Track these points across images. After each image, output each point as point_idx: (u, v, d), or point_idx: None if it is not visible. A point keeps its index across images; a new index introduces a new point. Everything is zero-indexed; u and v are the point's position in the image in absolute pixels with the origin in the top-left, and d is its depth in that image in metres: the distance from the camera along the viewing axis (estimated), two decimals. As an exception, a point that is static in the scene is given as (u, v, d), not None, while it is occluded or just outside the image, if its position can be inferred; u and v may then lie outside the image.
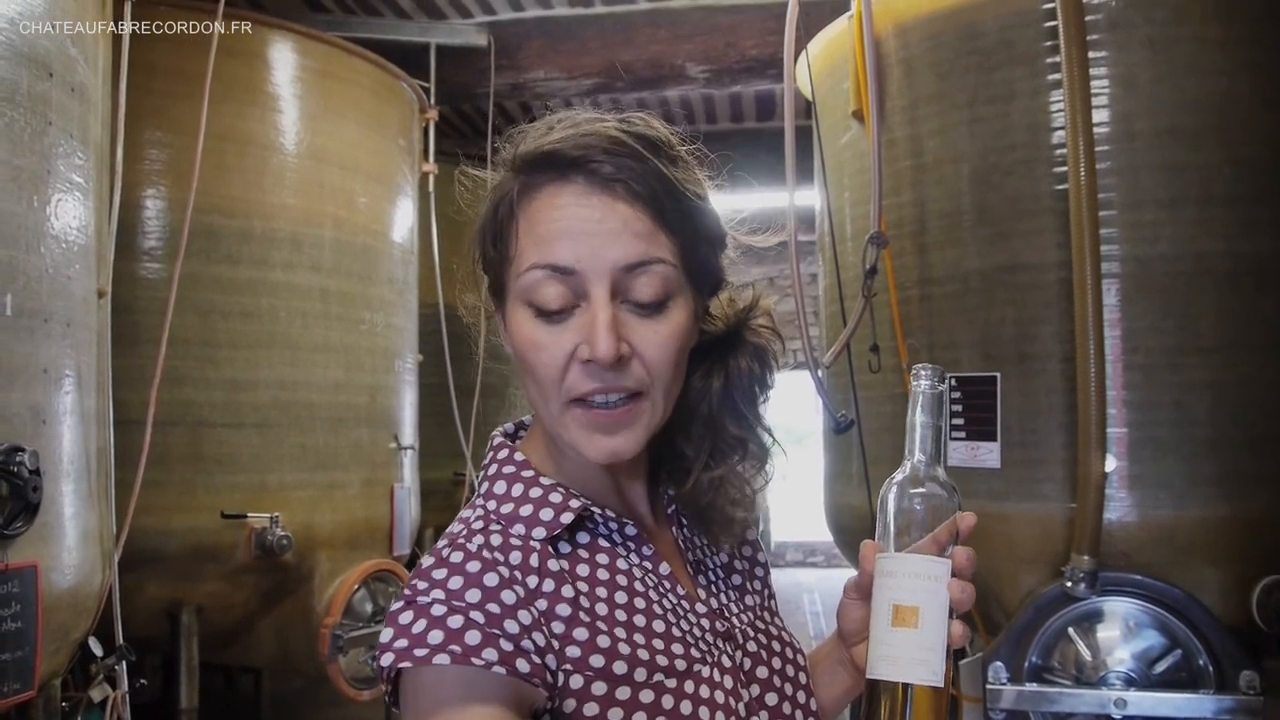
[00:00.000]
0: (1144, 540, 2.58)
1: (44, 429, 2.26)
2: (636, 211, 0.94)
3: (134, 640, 2.86)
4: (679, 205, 0.97)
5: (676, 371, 0.99)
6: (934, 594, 0.95)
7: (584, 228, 0.94)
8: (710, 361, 1.09)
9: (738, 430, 1.09)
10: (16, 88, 2.18)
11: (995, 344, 2.79)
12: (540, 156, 0.97)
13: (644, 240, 0.94)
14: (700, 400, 1.08)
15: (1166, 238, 2.62)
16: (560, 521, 1.00)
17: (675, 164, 0.99)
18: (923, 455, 1.00)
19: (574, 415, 0.96)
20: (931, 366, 1.01)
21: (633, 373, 0.95)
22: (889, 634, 0.95)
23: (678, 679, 0.96)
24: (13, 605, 2.13)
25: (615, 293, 0.94)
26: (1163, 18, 2.65)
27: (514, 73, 4.85)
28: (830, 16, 3.44)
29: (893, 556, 0.98)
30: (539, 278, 0.94)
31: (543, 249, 0.95)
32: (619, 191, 0.94)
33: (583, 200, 0.94)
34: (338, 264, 3.78)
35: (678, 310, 0.97)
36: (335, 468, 3.74)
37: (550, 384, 0.96)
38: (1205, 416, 2.58)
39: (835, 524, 3.55)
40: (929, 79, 2.95)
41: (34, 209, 2.23)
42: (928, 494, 0.99)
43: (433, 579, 0.92)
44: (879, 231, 2.87)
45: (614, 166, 0.94)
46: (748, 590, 1.15)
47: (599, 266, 0.93)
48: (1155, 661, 2.52)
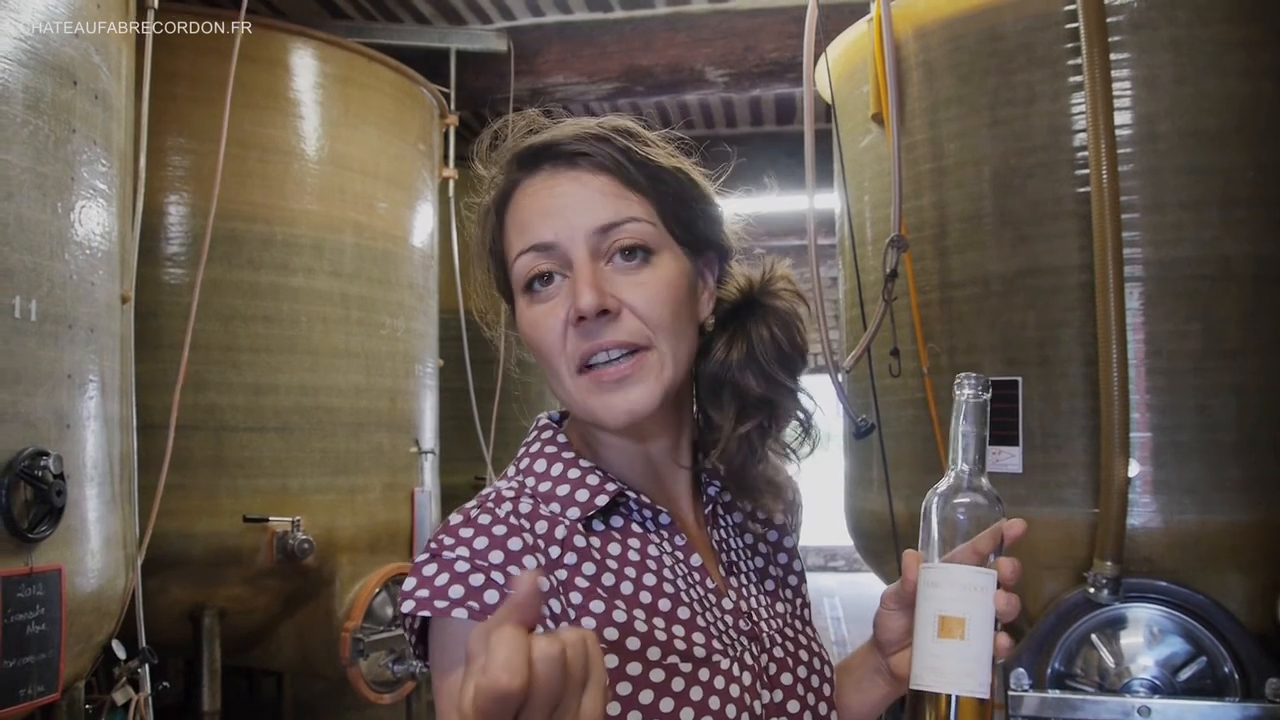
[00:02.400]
0: (1168, 546, 2.56)
1: (68, 434, 2.28)
2: (601, 178, 0.99)
3: (157, 643, 2.88)
4: (646, 170, 1.01)
5: (678, 323, 1.00)
6: (980, 605, 0.94)
7: (555, 203, 0.99)
8: (731, 330, 1.09)
9: (763, 389, 1.08)
10: (41, 95, 2.20)
11: (1017, 348, 2.77)
12: (512, 158, 1.04)
13: (613, 201, 0.99)
14: (725, 371, 1.08)
15: (1190, 240, 2.60)
16: (595, 503, 1.01)
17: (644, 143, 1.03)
18: (966, 464, 0.99)
19: (583, 384, 0.98)
20: (976, 375, 1.00)
21: (625, 325, 0.97)
22: (935, 645, 0.94)
23: (693, 664, 0.96)
24: (37, 608, 2.14)
25: (595, 255, 0.98)
26: (1185, 19, 2.63)
27: (533, 78, 4.86)
28: (849, 19, 3.43)
29: (937, 567, 0.97)
30: (526, 261, 0.99)
31: (523, 234, 1.00)
32: (583, 165, 1.00)
33: (551, 181, 1.00)
34: (358, 269, 3.79)
35: (663, 264, 1.00)
36: (356, 472, 3.75)
37: (556, 356, 0.98)
38: (1230, 420, 2.55)
39: (856, 529, 3.53)
40: (949, 82, 2.94)
41: (58, 215, 2.25)
42: (971, 504, 0.99)
43: (459, 536, 0.94)
44: (899, 235, 2.86)
45: (576, 145, 1.00)
46: (779, 597, 1.15)
47: (574, 235, 0.97)
48: (1180, 669, 2.50)
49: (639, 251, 0.99)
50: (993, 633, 0.95)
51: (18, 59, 2.14)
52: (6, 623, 2.06)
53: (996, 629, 0.95)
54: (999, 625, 0.96)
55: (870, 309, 3.08)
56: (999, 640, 0.95)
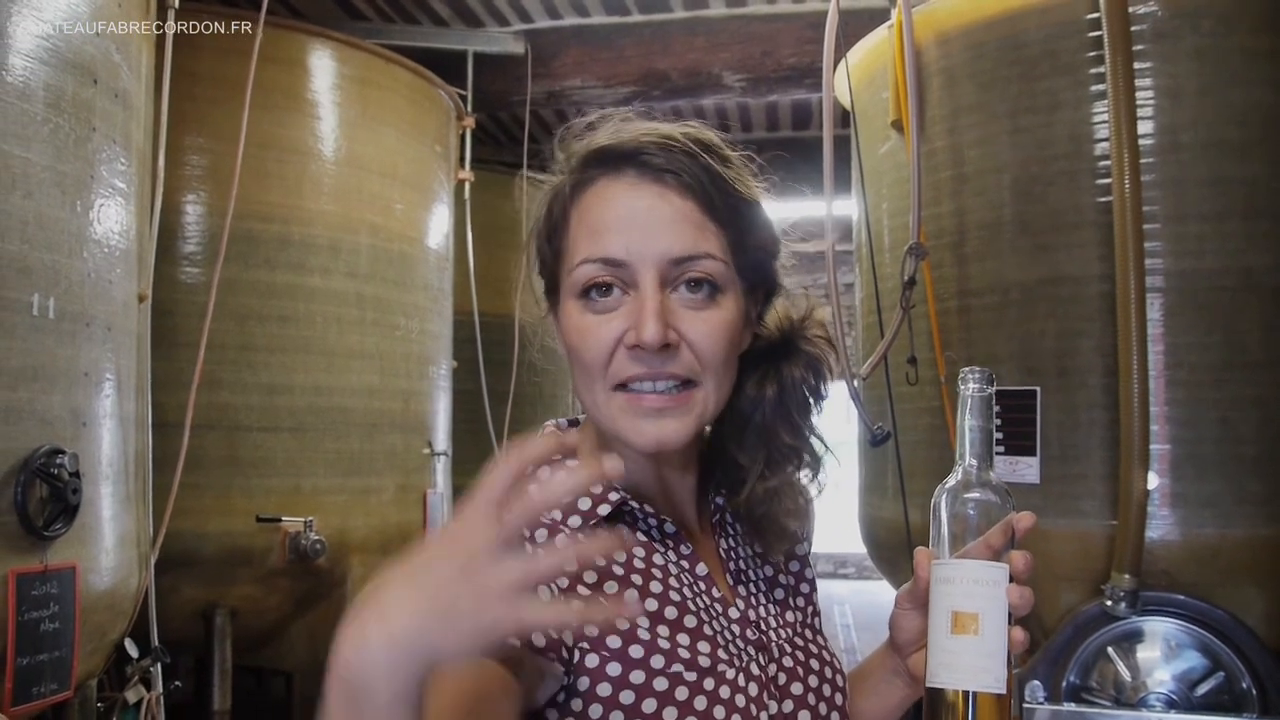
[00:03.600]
0: (1186, 559, 2.54)
1: (84, 432, 2.28)
2: (687, 203, 0.96)
3: (168, 642, 2.87)
4: (729, 202, 0.99)
5: (727, 365, 0.99)
6: (993, 599, 0.93)
7: (634, 217, 0.96)
8: (764, 369, 1.08)
9: (792, 439, 1.08)
10: (62, 94, 2.20)
11: (1035, 357, 2.75)
12: (593, 153, 1.00)
13: (693, 232, 0.96)
14: (754, 409, 1.07)
15: (1212, 251, 2.58)
16: (596, 512, 1.00)
17: (726, 164, 1.00)
18: (974, 460, 0.99)
19: (618, 402, 0.97)
20: (980, 369, 0.99)
21: (682, 359, 0.96)
22: (949, 641, 0.93)
23: (698, 674, 0.95)
24: (51, 606, 2.14)
25: (664, 283, 0.96)
26: (1210, 28, 2.61)
27: (550, 81, 4.85)
28: (868, 25, 3.42)
29: (949, 563, 0.96)
30: (590, 271, 0.96)
31: (594, 242, 0.97)
32: (669, 182, 0.96)
33: (633, 191, 0.97)
34: (374, 270, 3.79)
35: (727, 304, 0.98)
36: (369, 473, 3.75)
37: (596, 369, 0.97)
38: (1251, 434, 2.53)
39: (870, 538, 3.52)
40: (970, 89, 2.93)
41: (77, 214, 2.25)
42: (981, 499, 0.98)
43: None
44: (918, 242, 2.84)
45: (665, 159, 0.96)
46: (790, 606, 1.13)
47: (648, 256, 0.95)
48: (1197, 684, 2.48)
49: (706, 286, 0.97)
50: (1007, 627, 0.94)
51: (39, 57, 2.14)
52: (20, 620, 2.06)
53: (1011, 623, 0.94)
54: (1013, 619, 0.95)
55: (887, 316, 3.06)
56: (1014, 634, 0.94)
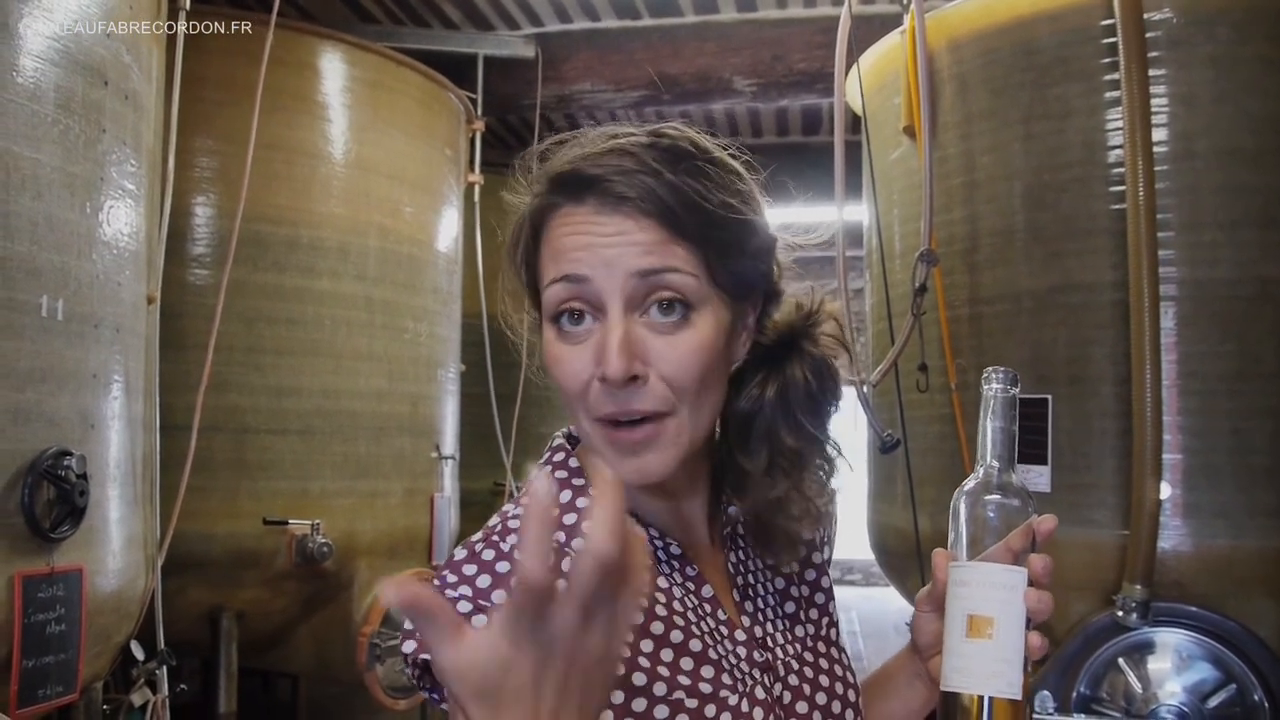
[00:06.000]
0: (1199, 570, 2.52)
1: (92, 433, 2.27)
2: (645, 225, 0.93)
3: (175, 644, 2.87)
4: (701, 218, 0.94)
5: (706, 387, 0.96)
6: (1009, 603, 0.92)
7: (593, 241, 0.93)
8: (766, 370, 1.06)
9: (795, 442, 1.04)
10: (72, 95, 2.20)
11: (1047, 365, 2.74)
12: (557, 176, 0.97)
13: (655, 251, 0.92)
14: (756, 411, 1.05)
15: (1226, 260, 2.56)
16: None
17: (700, 175, 0.96)
18: (995, 461, 0.97)
19: (600, 434, 0.96)
20: (1004, 370, 0.98)
21: (652, 392, 0.93)
22: (964, 645, 0.92)
23: (699, 701, 0.94)
24: (58, 608, 2.14)
25: (631, 306, 0.93)
26: (1225, 36, 2.59)
27: (560, 84, 4.85)
28: (879, 31, 3.41)
29: (966, 566, 0.95)
30: (559, 292, 0.95)
31: (559, 263, 0.95)
32: (629, 211, 0.93)
33: (593, 219, 0.94)
34: (383, 273, 3.79)
35: (702, 322, 0.94)
36: (377, 476, 3.75)
37: (575, 400, 0.96)
38: (1264, 444, 2.51)
39: (879, 546, 3.50)
40: (983, 95, 2.91)
41: (86, 215, 2.25)
42: (1001, 501, 0.96)
43: (463, 574, 0.93)
44: (929, 249, 2.83)
45: (626, 185, 0.93)
46: (801, 619, 1.12)
47: (612, 274, 0.92)
48: (1208, 696, 2.46)
49: (678, 307, 0.93)
50: (1024, 632, 0.92)
51: (50, 58, 2.14)
52: (27, 622, 2.05)
53: (1028, 628, 0.93)
54: (1031, 624, 0.93)
55: (898, 323, 3.05)
56: (1031, 639, 0.93)
